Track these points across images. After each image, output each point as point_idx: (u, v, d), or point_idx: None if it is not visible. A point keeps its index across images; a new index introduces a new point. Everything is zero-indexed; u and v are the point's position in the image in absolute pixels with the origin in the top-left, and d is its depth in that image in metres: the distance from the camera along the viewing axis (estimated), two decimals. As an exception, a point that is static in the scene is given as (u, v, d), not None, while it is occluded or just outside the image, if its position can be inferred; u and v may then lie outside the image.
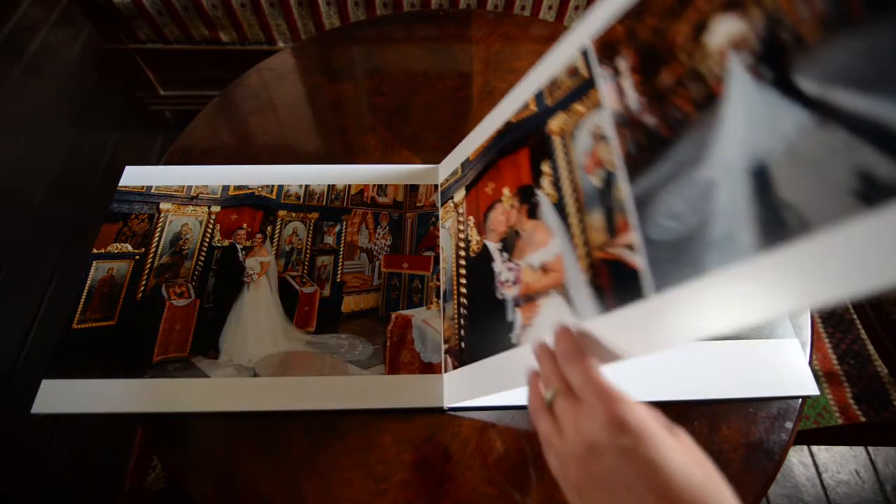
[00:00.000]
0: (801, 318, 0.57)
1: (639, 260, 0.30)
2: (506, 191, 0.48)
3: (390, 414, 0.48)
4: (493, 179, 0.51)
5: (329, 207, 0.61)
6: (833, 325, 1.22)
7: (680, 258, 0.27)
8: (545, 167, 0.43)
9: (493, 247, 0.48)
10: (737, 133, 0.25)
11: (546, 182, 0.42)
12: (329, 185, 0.63)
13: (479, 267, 0.50)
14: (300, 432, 0.47)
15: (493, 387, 0.44)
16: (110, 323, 0.52)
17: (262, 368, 0.49)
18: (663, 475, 0.25)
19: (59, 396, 0.47)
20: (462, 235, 0.54)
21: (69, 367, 0.48)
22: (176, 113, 1.48)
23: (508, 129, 0.49)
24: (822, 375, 1.15)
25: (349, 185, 0.63)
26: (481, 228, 0.51)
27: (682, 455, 0.27)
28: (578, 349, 0.32)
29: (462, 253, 0.53)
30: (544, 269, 0.41)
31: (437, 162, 0.66)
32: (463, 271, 0.52)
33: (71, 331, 0.51)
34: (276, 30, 1.19)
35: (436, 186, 0.63)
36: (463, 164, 0.58)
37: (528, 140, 0.46)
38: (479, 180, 0.54)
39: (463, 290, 0.52)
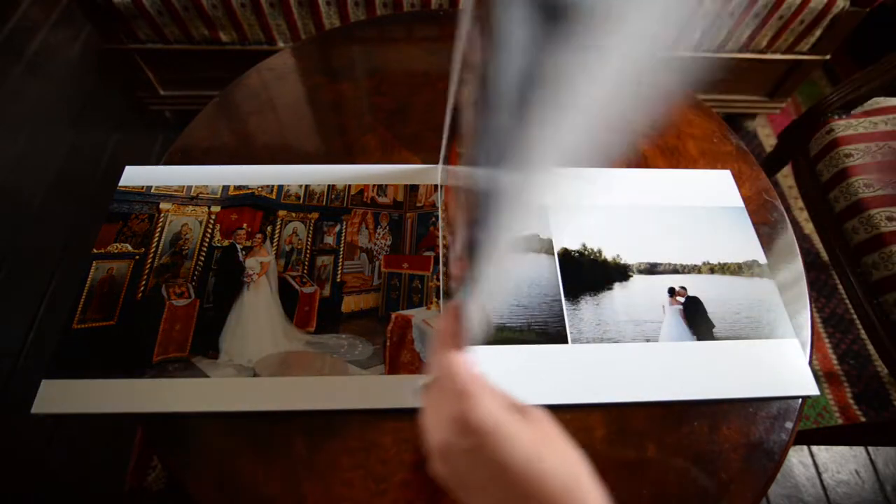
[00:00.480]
0: (801, 318, 0.57)
1: None
2: None
3: (390, 414, 0.48)
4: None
5: (329, 207, 0.61)
6: (833, 325, 1.22)
7: None
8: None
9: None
10: None
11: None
12: (329, 186, 0.63)
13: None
14: (300, 432, 0.47)
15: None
16: (110, 323, 0.52)
17: (261, 368, 0.49)
18: (511, 473, 0.25)
19: (58, 396, 0.47)
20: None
21: (69, 367, 0.48)
22: (176, 113, 1.48)
23: None
24: (822, 375, 1.15)
25: (349, 186, 0.63)
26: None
27: (530, 446, 0.26)
28: (451, 331, 0.30)
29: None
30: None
31: (437, 162, 0.66)
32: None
33: (71, 331, 0.51)
34: (276, 30, 1.20)
35: (436, 186, 0.63)
36: None
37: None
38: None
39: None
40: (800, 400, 0.51)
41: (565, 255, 0.60)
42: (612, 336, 0.53)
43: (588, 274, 0.59)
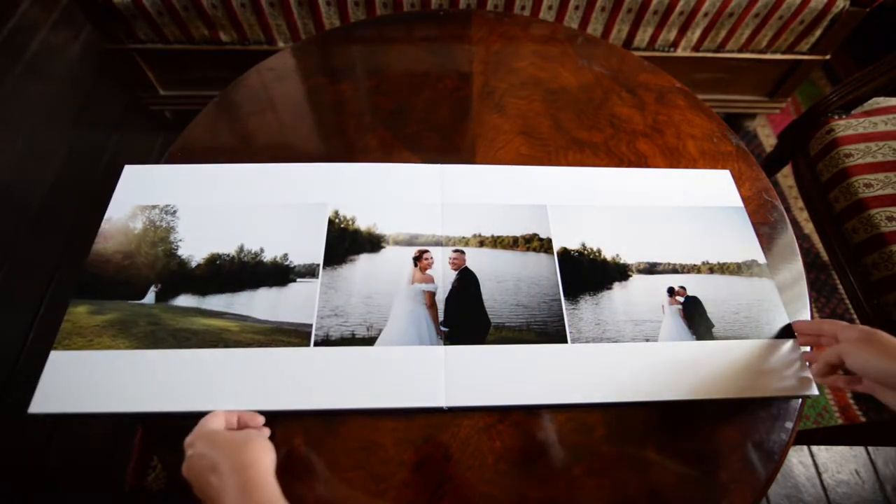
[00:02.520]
0: (801, 318, 0.57)
1: None
2: None
3: (390, 414, 0.48)
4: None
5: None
6: (833, 325, 1.22)
7: None
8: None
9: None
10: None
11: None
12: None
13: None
14: (300, 432, 0.47)
15: None
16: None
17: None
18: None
19: (57, 396, 0.47)
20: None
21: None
22: (176, 113, 1.48)
23: None
24: (822, 375, 1.15)
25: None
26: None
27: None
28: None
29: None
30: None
31: (437, 162, 0.66)
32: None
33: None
34: (276, 30, 1.19)
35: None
36: None
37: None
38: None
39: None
40: (799, 400, 0.51)
41: (564, 255, 0.60)
42: (611, 335, 0.53)
43: (587, 273, 0.59)
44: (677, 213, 0.64)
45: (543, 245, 0.60)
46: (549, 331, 0.53)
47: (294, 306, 0.54)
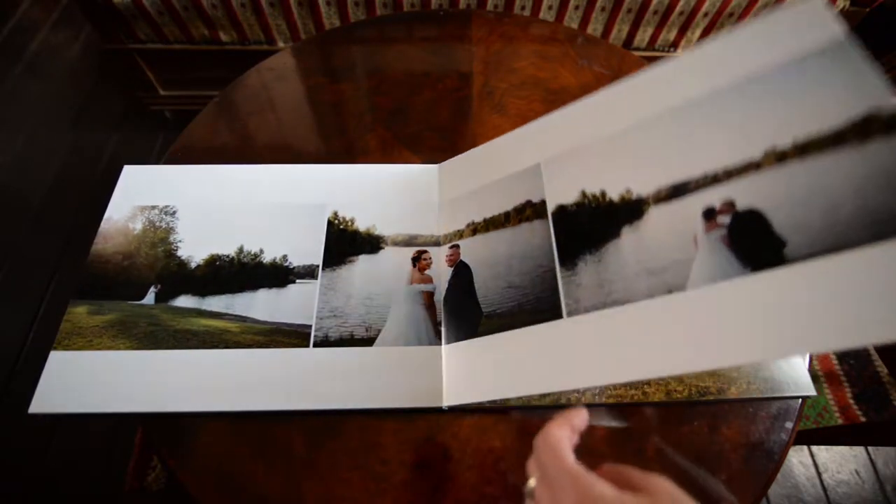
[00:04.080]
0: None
1: None
2: None
3: (390, 414, 0.48)
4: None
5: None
6: (833, 325, 1.22)
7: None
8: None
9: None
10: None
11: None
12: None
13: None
14: (300, 432, 0.47)
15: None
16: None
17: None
18: None
19: (57, 396, 0.47)
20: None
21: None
22: (176, 113, 1.48)
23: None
24: (822, 375, 1.15)
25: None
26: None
27: None
28: (554, 437, 0.31)
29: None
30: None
31: (437, 161, 0.66)
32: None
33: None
34: (276, 30, 1.20)
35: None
36: None
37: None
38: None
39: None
40: (799, 400, 0.51)
41: (560, 213, 0.50)
42: (618, 297, 0.41)
43: (588, 227, 0.47)
44: (719, 97, 0.41)
45: (537, 210, 0.52)
46: (541, 307, 0.46)
47: (293, 307, 0.54)
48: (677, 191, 0.41)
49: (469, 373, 0.49)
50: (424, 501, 0.44)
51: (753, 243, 0.35)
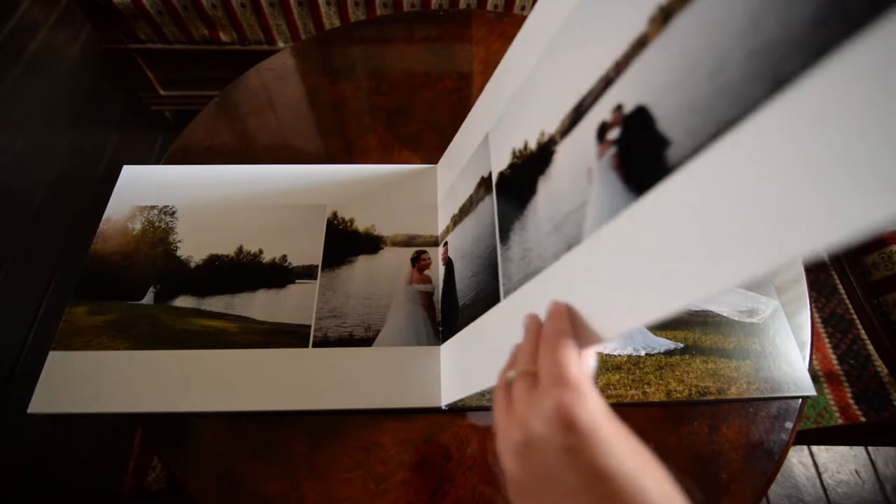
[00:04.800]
0: (801, 318, 0.57)
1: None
2: None
3: (390, 414, 0.48)
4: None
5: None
6: (833, 325, 1.22)
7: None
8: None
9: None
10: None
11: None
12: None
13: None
14: (300, 432, 0.47)
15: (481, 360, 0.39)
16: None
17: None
18: (611, 485, 0.22)
19: (56, 396, 0.47)
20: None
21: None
22: (176, 113, 1.48)
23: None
24: (822, 375, 1.15)
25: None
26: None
27: (633, 462, 0.23)
28: (564, 329, 0.27)
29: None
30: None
31: (437, 161, 0.66)
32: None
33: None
34: (276, 30, 1.19)
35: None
36: None
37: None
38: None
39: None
40: (799, 400, 0.51)
41: (500, 183, 0.43)
42: (535, 266, 0.35)
43: (519, 187, 0.39)
44: None
45: (488, 185, 0.46)
46: (486, 292, 0.42)
47: (293, 307, 0.54)
48: (576, 114, 0.32)
49: (453, 370, 0.49)
50: (424, 501, 0.44)
51: (638, 156, 0.26)
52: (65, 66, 1.67)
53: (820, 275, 1.30)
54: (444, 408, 0.48)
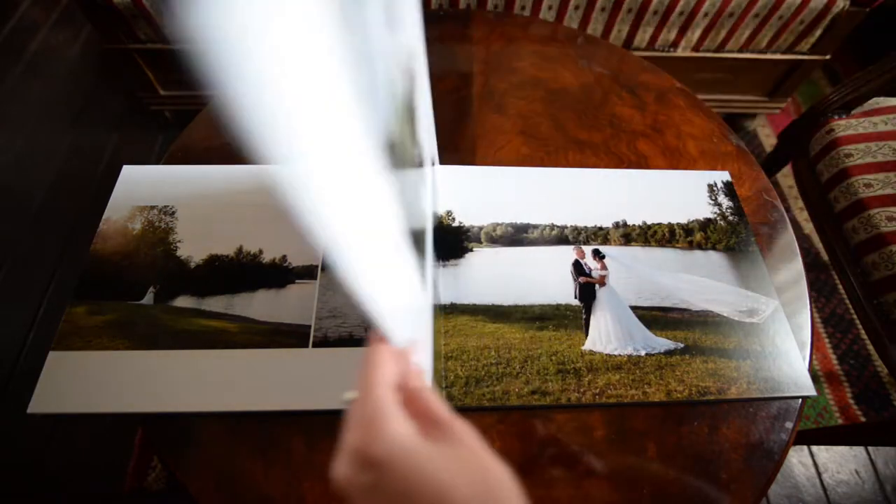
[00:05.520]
0: (801, 318, 0.57)
1: None
2: None
3: (390, 414, 0.48)
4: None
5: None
6: (833, 325, 1.22)
7: None
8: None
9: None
10: None
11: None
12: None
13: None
14: (300, 432, 0.47)
15: None
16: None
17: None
18: None
19: (56, 396, 0.47)
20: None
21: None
22: (176, 113, 1.48)
23: None
24: (822, 375, 1.15)
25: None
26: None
27: (442, 475, 0.23)
28: (370, 360, 0.28)
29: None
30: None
31: (437, 162, 0.66)
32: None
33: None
34: (275, 30, 1.19)
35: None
36: None
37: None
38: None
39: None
40: (799, 400, 0.51)
41: None
42: None
43: None
44: None
45: None
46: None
47: (293, 307, 0.54)
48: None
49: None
50: (424, 501, 0.44)
51: None
52: (65, 66, 1.67)
53: (820, 275, 1.31)
54: (444, 408, 0.48)
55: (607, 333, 0.54)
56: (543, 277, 0.59)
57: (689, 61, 1.27)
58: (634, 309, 0.56)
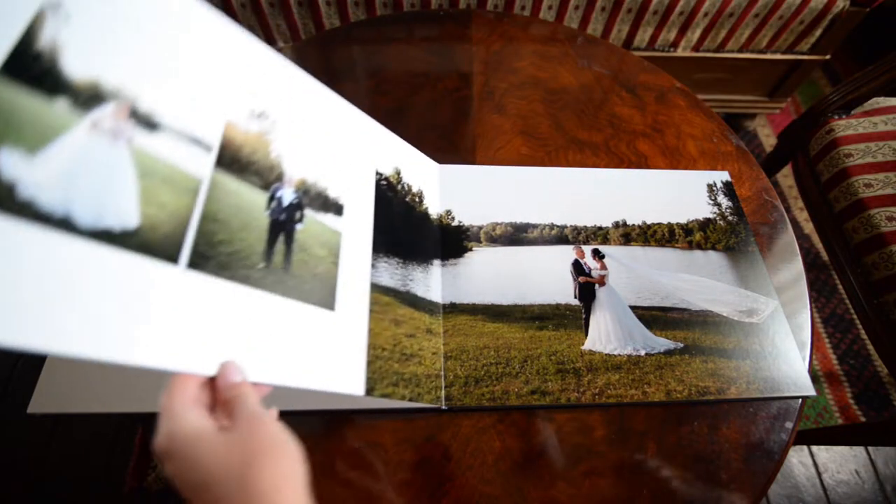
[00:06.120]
0: (801, 317, 0.57)
1: None
2: None
3: (390, 414, 0.48)
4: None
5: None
6: (833, 325, 1.22)
7: None
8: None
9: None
10: None
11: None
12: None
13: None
14: (300, 432, 0.47)
15: None
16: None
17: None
18: (214, 489, 0.26)
19: (56, 396, 0.47)
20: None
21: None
22: (176, 113, 1.48)
23: None
24: (822, 375, 1.15)
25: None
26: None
27: (228, 461, 0.26)
28: (181, 380, 0.32)
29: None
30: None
31: (438, 161, 0.66)
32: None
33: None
34: (276, 30, 1.19)
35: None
36: None
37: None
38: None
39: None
40: (799, 400, 0.51)
41: None
42: None
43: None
44: None
45: None
46: None
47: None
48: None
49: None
50: (424, 501, 0.44)
51: None
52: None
53: (820, 275, 1.31)
54: (444, 408, 0.48)
55: (607, 333, 0.54)
56: (543, 277, 0.59)
57: (689, 61, 1.27)
58: (634, 309, 0.57)
